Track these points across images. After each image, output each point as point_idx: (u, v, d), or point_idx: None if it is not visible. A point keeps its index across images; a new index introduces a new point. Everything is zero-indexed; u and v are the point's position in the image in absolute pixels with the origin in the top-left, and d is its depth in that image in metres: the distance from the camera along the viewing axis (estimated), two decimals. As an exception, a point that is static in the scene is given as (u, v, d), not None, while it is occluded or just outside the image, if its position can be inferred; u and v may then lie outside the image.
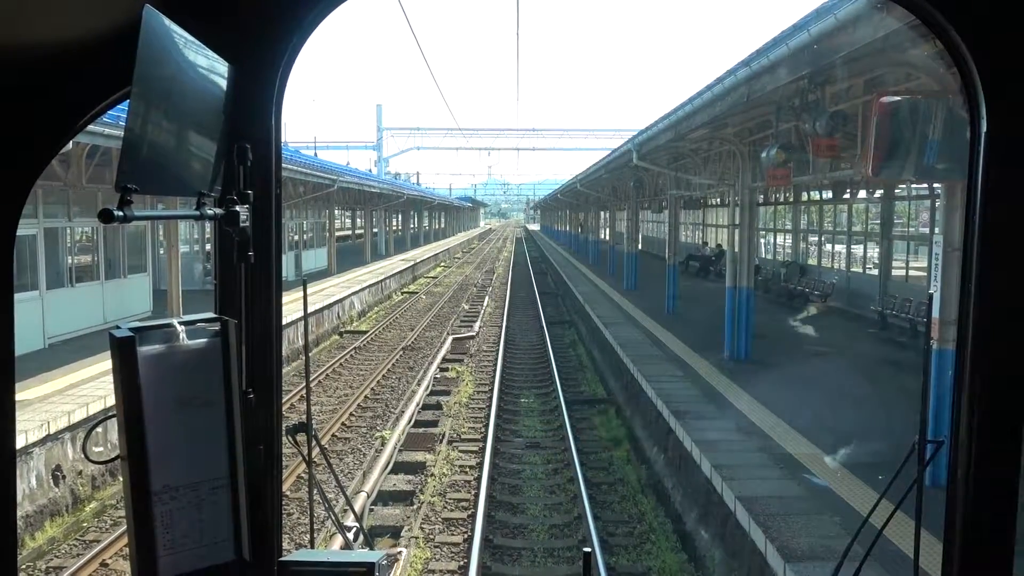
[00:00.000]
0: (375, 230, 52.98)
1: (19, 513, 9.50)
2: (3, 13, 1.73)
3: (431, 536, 10.28)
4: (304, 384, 16.35)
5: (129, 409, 1.80)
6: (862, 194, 23.89)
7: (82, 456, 11.30)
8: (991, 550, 2.04)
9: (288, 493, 11.23)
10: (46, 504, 10.50)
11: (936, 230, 13.34)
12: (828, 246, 27.32)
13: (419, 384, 17.97)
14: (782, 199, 30.50)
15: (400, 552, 2.59)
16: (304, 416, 2.46)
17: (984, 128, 2.00)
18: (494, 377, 18.67)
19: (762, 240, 32.10)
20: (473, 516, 10.62)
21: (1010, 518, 2.03)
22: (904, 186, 20.97)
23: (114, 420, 1.85)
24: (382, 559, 2.27)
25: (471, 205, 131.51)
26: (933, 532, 2.11)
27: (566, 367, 20.50)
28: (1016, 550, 2.03)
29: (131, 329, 1.82)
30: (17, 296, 2.41)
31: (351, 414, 15.77)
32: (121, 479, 1.91)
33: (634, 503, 11.42)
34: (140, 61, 1.59)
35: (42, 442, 10.54)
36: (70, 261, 18.62)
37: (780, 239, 32.80)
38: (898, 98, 9.69)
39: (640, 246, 35.02)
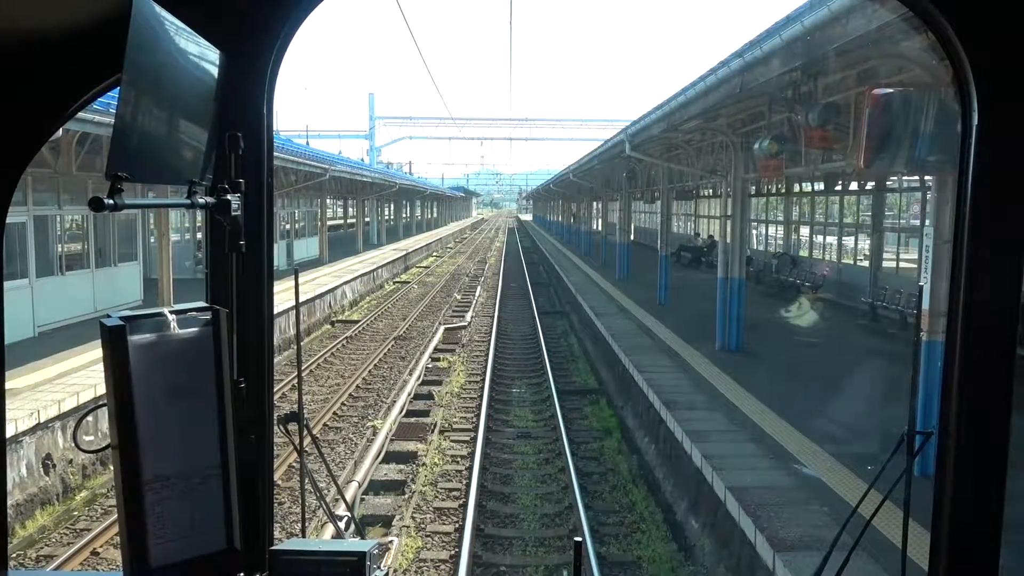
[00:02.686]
0: (367, 219, 52.86)
1: (9, 502, 9.47)
2: None
3: (422, 525, 10.30)
4: (296, 373, 16.33)
5: (120, 398, 1.80)
6: (854, 186, 23.96)
7: (73, 445, 11.27)
8: (978, 540, 2.06)
9: (279, 482, 11.23)
10: (36, 493, 10.48)
11: (927, 222, 13.39)
12: (820, 237, 27.39)
13: (411, 374, 17.97)
14: (774, 190, 30.56)
15: (391, 541, 2.59)
16: (296, 405, 2.46)
17: (975, 121, 2.00)
18: (486, 367, 18.69)
19: (754, 231, 32.17)
20: (464, 506, 10.65)
21: (997, 508, 2.04)
22: (895, 178, 21.03)
23: (105, 409, 1.84)
24: (373, 548, 2.27)
25: (463, 195, 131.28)
26: (921, 522, 2.12)
27: (558, 357, 20.53)
28: (1003, 540, 2.05)
29: (122, 318, 1.81)
30: (7, 284, 2.40)
31: (343, 403, 15.77)
32: (112, 468, 1.91)
33: (625, 493, 11.46)
34: (131, 48, 1.57)
35: (32, 431, 10.51)
36: (60, 249, 18.52)
37: (772, 230, 32.87)
38: (890, 90, 9.71)
39: (632, 236, 35.06)
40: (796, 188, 28.19)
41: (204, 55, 1.96)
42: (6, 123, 2.17)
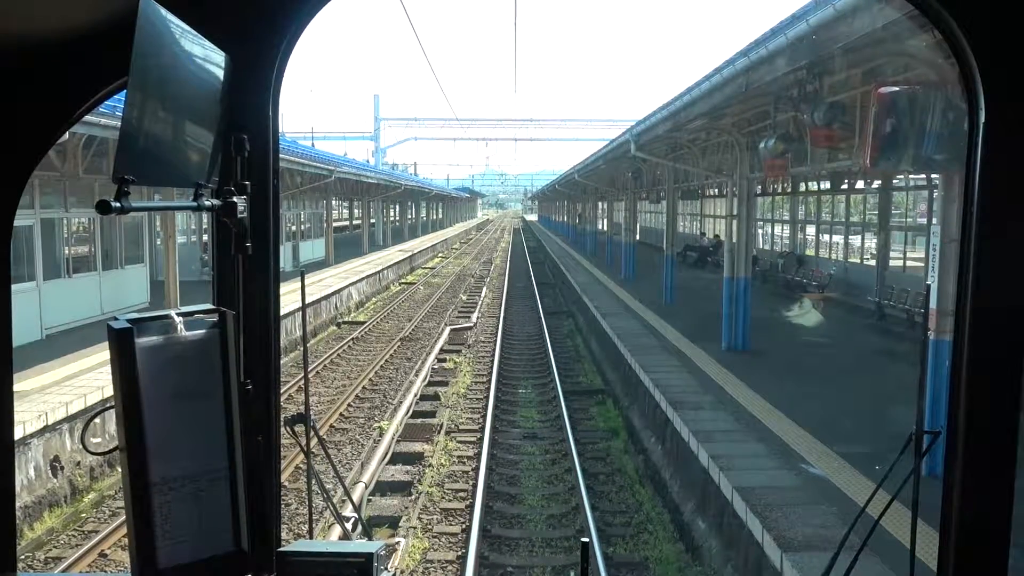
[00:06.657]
0: (372, 221, 52.94)
1: (18, 504, 9.51)
2: (1, 2, 1.72)
3: (429, 526, 10.31)
4: (302, 375, 16.37)
5: (127, 400, 1.80)
6: (860, 185, 23.89)
7: (80, 447, 11.31)
8: (987, 540, 2.05)
9: (287, 484, 11.25)
10: (45, 495, 10.51)
11: (934, 221, 13.34)
12: (826, 237, 27.33)
13: (417, 375, 17.98)
14: (780, 190, 30.50)
15: (398, 542, 2.60)
16: (302, 407, 2.46)
17: (982, 119, 1.99)
18: (492, 368, 18.69)
19: (760, 231, 32.10)
20: (471, 506, 10.65)
21: (1006, 508, 2.03)
22: (902, 177, 20.96)
23: (112, 411, 1.85)
24: (380, 549, 2.27)
25: (468, 196, 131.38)
26: (930, 522, 2.12)
27: (564, 357, 20.51)
28: (1012, 541, 2.04)
29: (129, 320, 1.82)
30: (14, 287, 2.41)
31: (349, 405, 15.79)
32: (120, 470, 1.92)
33: (631, 493, 11.45)
34: (137, 51, 1.58)
35: (40, 433, 10.54)
36: (67, 252, 18.59)
37: (778, 230, 32.80)
38: (896, 88, 9.67)
39: (638, 236, 35.02)
40: (802, 187, 28.13)
41: (209, 58, 1.97)
42: (12, 126, 2.18)
